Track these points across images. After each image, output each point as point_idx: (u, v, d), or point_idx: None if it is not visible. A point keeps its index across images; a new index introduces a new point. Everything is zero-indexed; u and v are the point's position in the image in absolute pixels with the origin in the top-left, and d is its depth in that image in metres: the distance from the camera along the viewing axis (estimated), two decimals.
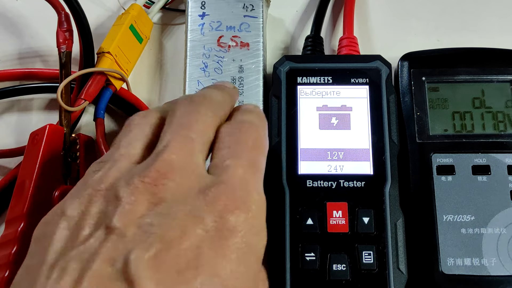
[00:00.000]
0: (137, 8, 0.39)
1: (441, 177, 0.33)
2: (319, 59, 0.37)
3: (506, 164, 0.33)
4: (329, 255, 0.32)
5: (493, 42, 0.39)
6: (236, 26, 0.38)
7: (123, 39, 0.38)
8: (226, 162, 0.23)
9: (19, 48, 0.43)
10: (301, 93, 0.35)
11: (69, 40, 0.36)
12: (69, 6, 0.36)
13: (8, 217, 0.31)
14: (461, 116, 0.35)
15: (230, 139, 0.25)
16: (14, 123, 0.40)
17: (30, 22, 0.43)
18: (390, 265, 0.31)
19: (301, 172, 0.33)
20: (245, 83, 0.36)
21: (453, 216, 0.32)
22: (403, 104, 0.36)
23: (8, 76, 0.41)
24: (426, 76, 0.36)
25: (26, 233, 0.29)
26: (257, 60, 0.37)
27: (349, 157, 0.34)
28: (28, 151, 0.33)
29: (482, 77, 0.36)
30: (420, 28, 0.42)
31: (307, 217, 0.32)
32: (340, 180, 0.33)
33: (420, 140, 0.34)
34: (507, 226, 0.32)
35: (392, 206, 0.32)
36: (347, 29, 0.39)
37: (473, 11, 0.42)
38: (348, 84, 0.35)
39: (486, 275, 0.31)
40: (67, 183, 0.33)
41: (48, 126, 0.33)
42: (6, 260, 0.29)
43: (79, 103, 0.35)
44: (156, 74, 0.41)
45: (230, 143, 0.24)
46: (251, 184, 0.23)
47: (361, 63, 0.36)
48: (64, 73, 0.36)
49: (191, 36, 0.38)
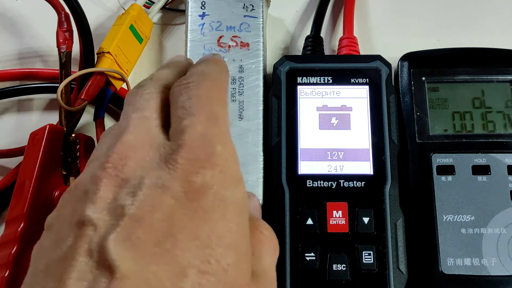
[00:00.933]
0: (137, 8, 0.39)
1: (441, 177, 0.33)
2: (319, 59, 0.37)
3: (506, 164, 0.33)
4: (329, 255, 0.32)
5: (493, 42, 0.39)
6: (236, 26, 0.38)
7: (123, 39, 0.38)
8: (183, 123, 0.22)
9: (19, 48, 0.43)
10: (301, 93, 0.35)
11: (69, 40, 0.36)
12: (69, 6, 0.36)
13: (8, 217, 0.31)
14: (461, 116, 0.35)
15: (183, 98, 0.24)
16: (14, 123, 0.40)
17: (30, 22, 0.43)
18: (390, 265, 0.31)
19: (301, 172, 0.33)
20: (245, 83, 0.36)
21: (453, 216, 0.32)
22: (403, 104, 0.36)
23: (8, 76, 0.41)
24: (426, 76, 0.36)
25: (26, 233, 0.29)
26: (257, 60, 0.37)
27: (349, 157, 0.34)
28: (28, 151, 0.33)
29: (482, 77, 0.36)
30: (420, 28, 0.42)
31: (307, 217, 0.32)
32: (340, 180, 0.33)
33: (420, 140, 0.34)
34: (507, 226, 0.32)
35: (392, 206, 0.32)
36: (347, 29, 0.39)
37: (473, 11, 0.42)
38: (348, 84, 0.35)
39: (486, 275, 0.31)
40: (67, 183, 0.33)
41: (48, 126, 0.33)
42: (6, 260, 0.29)
43: (79, 103, 0.35)
44: None
45: (183, 102, 0.23)
46: (212, 138, 0.22)
47: (361, 63, 0.36)
48: (64, 73, 0.36)
49: (191, 36, 0.38)
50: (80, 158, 0.34)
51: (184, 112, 0.23)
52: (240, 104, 0.36)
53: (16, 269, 0.28)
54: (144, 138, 0.23)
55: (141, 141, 0.23)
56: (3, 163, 0.39)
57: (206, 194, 0.21)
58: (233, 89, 0.36)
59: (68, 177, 0.34)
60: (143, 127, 0.23)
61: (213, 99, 0.24)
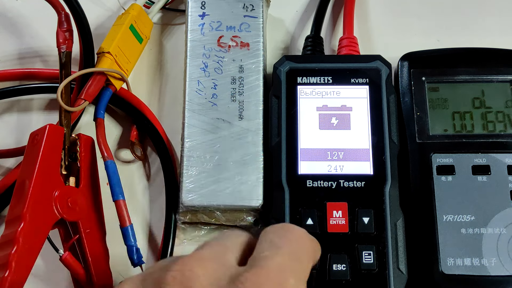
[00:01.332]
0: (137, 8, 0.39)
1: (441, 177, 0.33)
2: (319, 59, 0.37)
3: (506, 164, 0.33)
4: (329, 255, 0.32)
5: (493, 42, 0.39)
6: (236, 26, 0.38)
7: (123, 39, 0.38)
8: (264, 253, 0.23)
9: (19, 48, 0.43)
10: (301, 93, 0.35)
11: (69, 40, 0.36)
12: (69, 6, 0.36)
13: (8, 217, 0.31)
14: (461, 116, 0.35)
15: (273, 236, 0.24)
16: (14, 123, 0.40)
17: (30, 22, 0.43)
18: (390, 265, 0.31)
19: (301, 172, 0.33)
20: (245, 83, 0.36)
21: (453, 216, 0.32)
22: (403, 104, 0.36)
23: (8, 76, 0.41)
24: (426, 76, 0.36)
25: (26, 233, 0.29)
26: (257, 60, 0.37)
27: (349, 157, 0.34)
28: (28, 151, 0.33)
29: (482, 77, 0.36)
30: (420, 28, 0.42)
31: (307, 217, 0.32)
32: (340, 180, 0.33)
33: (420, 140, 0.34)
34: (507, 226, 0.32)
35: (392, 206, 0.32)
36: (347, 29, 0.39)
37: (473, 11, 0.42)
38: (348, 84, 0.35)
39: (486, 275, 0.31)
40: (67, 183, 0.33)
41: (48, 126, 0.33)
42: (6, 260, 0.28)
43: (79, 103, 0.35)
44: (156, 74, 0.41)
45: (272, 238, 0.24)
46: (289, 270, 0.22)
47: (361, 63, 0.36)
48: (64, 73, 0.36)
49: (191, 36, 0.38)
50: (80, 158, 0.34)
51: (269, 245, 0.23)
52: (240, 104, 0.36)
53: (16, 269, 0.28)
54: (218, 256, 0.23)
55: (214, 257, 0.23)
56: (3, 163, 0.39)
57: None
58: (233, 89, 0.36)
59: (68, 177, 0.34)
60: (220, 249, 0.24)
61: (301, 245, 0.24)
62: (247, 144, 0.35)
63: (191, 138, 0.35)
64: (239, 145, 0.35)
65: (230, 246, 0.24)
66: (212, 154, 0.35)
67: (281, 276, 0.22)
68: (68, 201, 0.32)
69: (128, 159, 0.39)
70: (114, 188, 0.34)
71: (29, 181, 0.31)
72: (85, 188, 0.34)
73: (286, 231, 0.25)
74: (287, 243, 0.24)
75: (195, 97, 0.36)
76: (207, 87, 0.36)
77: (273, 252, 0.23)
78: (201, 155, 0.35)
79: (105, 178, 0.34)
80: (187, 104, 0.36)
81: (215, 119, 0.36)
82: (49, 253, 0.32)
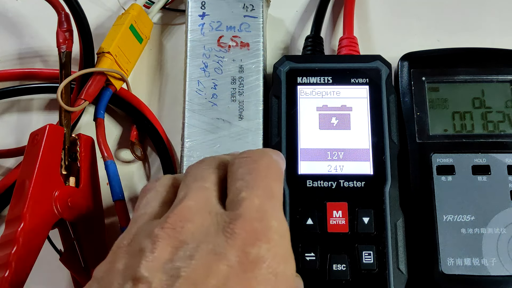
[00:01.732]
0: (137, 8, 0.39)
1: (441, 177, 0.33)
2: (319, 59, 0.37)
3: (506, 164, 0.33)
4: (329, 255, 0.32)
5: (493, 42, 0.39)
6: (236, 26, 0.38)
7: (123, 39, 0.38)
8: (241, 195, 0.24)
9: (19, 48, 0.43)
10: (301, 93, 0.35)
11: (69, 40, 0.36)
12: (69, 6, 0.36)
13: (8, 217, 0.31)
14: (461, 116, 0.35)
15: (242, 171, 0.25)
16: (14, 123, 0.40)
17: (30, 22, 0.43)
18: (390, 265, 0.31)
19: (301, 172, 0.33)
20: (245, 83, 0.36)
21: (453, 216, 0.32)
22: (403, 104, 0.36)
23: (8, 76, 0.41)
24: (426, 76, 0.36)
25: (26, 233, 0.29)
26: (257, 60, 0.37)
27: (349, 157, 0.34)
28: (28, 151, 0.33)
29: (482, 77, 0.36)
30: (420, 28, 0.42)
31: (307, 217, 0.32)
32: (340, 180, 0.33)
33: (420, 140, 0.34)
34: (507, 226, 0.32)
35: (392, 206, 0.32)
36: (347, 29, 0.39)
37: (473, 11, 0.42)
38: (348, 84, 0.35)
39: (486, 275, 0.31)
40: (67, 183, 0.33)
41: (48, 126, 0.33)
42: (6, 260, 0.28)
43: (79, 103, 0.35)
44: (156, 74, 0.41)
45: (242, 175, 0.25)
46: (269, 212, 0.23)
47: (361, 63, 0.36)
48: (64, 73, 0.36)
49: (191, 36, 0.38)
50: (80, 158, 0.34)
51: (242, 184, 0.24)
52: (240, 104, 0.36)
53: (16, 269, 0.28)
54: (203, 205, 0.24)
55: (200, 207, 0.24)
56: (3, 163, 0.39)
57: (259, 267, 0.22)
58: (233, 89, 0.36)
59: (68, 177, 0.34)
60: (203, 195, 0.24)
61: (271, 175, 0.25)
62: (247, 144, 0.35)
63: (191, 138, 0.35)
64: (239, 145, 0.35)
65: (210, 187, 0.25)
66: (212, 154, 0.35)
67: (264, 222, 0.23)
68: (68, 201, 0.32)
69: (128, 159, 0.39)
70: (114, 188, 0.34)
71: (29, 181, 0.31)
72: (85, 188, 0.34)
73: (254, 162, 0.25)
74: (259, 180, 0.24)
75: (195, 97, 0.36)
76: (207, 87, 0.36)
77: (249, 193, 0.24)
78: (201, 155, 0.35)
79: (105, 178, 0.35)
80: (187, 104, 0.36)
81: (215, 119, 0.36)
82: (49, 253, 0.32)
